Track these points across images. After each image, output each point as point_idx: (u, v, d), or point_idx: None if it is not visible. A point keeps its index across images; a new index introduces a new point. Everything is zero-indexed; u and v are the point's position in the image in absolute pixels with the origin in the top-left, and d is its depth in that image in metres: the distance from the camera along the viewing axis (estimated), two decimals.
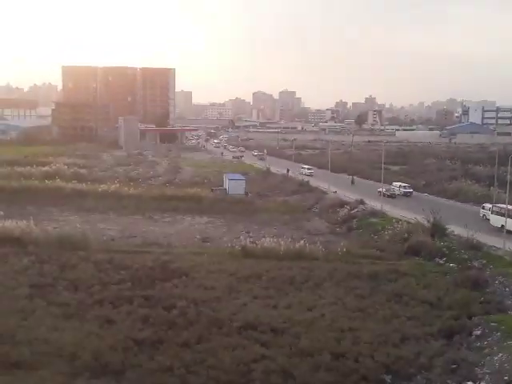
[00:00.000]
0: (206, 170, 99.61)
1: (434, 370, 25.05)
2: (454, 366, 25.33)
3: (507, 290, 35.95)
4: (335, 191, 75.28)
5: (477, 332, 29.04)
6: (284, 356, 25.47)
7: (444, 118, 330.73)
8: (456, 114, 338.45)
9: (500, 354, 25.47)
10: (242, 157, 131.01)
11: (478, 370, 24.89)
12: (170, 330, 27.95)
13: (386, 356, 25.85)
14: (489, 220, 53.79)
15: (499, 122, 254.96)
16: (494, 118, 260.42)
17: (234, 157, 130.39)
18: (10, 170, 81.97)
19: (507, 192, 49.76)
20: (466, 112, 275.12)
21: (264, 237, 47.45)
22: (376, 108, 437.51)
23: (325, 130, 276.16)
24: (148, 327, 28.16)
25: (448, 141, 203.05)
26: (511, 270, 38.69)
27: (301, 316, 30.45)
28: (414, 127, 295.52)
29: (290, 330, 28.57)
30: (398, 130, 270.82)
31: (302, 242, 44.31)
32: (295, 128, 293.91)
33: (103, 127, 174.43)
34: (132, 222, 57.39)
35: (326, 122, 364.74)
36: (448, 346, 27.62)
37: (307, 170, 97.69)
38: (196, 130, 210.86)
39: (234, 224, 57.98)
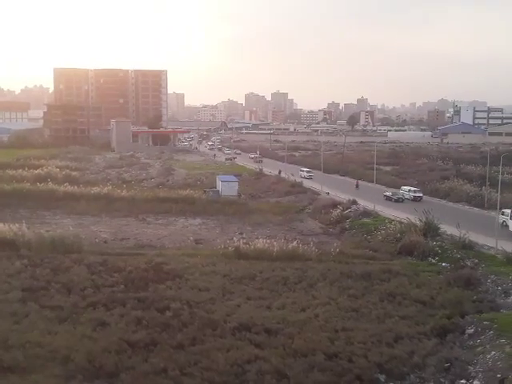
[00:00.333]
0: (199, 171, 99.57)
1: (428, 369, 25.08)
2: (447, 365, 25.37)
3: (499, 288, 36.18)
4: (328, 192, 75.25)
5: (470, 331, 29.14)
6: (278, 356, 25.41)
7: (436, 119, 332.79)
8: (447, 115, 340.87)
9: (493, 353, 25.57)
10: (234, 158, 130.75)
11: (471, 368, 24.97)
12: (164, 331, 27.80)
13: (380, 355, 25.86)
14: (508, 226, 50.89)
15: (490, 122, 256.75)
16: (485, 118, 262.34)
17: (227, 159, 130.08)
18: (1, 173, 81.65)
19: (499, 192, 50.10)
20: (457, 112, 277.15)
21: (257, 238, 47.37)
22: (368, 109, 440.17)
23: (317, 131, 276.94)
24: (142, 329, 28.00)
25: (440, 141, 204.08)
26: (503, 269, 38.97)
27: (294, 316, 30.41)
28: (406, 128, 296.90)
29: (283, 330, 28.50)
30: (390, 130, 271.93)
31: (295, 243, 44.29)
32: (287, 129, 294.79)
33: (95, 129, 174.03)
34: (125, 224, 57.27)
35: (318, 123, 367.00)
36: (441, 345, 27.64)
37: (306, 172, 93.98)
38: (188, 132, 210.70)
39: (227, 225, 57.97)
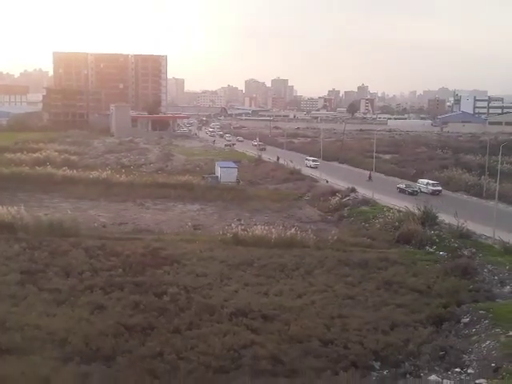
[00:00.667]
0: (198, 157, 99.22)
1: (423, 357, 25.21)
2: (442, 353, 25.50)
3: (496, 278, 36.34)
4: (327, 180, 75.12)
5: (465, 320, 29.26)
6: (274, 342, 25.57)
7: (436, 107, 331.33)
8: (448, 103, 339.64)
9: (487, 342, 25.71)
10: (234, 145, 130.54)
11: (465, 357, 25.10)
12: (161, 316, 27.97)
13: (375, 343, 26.02)
14: None
15: (491, 111, 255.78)
16: (485, 107, 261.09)
17: (226, 145, 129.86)
18: (0, 157, 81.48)
19: (497, 181, 50.12)
20: (457, 101, 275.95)
21: (255, 224, 47.39)
22: (368, 97, 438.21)
23: (317, 118, 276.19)
24: (139, 313, 28.15)
25: (440, 130, 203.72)
26: (500, 259, 39.12)
27: (291, 303, 30.58)
28: (406, 116, 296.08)
29: (280, 316, 28.67)
30: (389, 118, 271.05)
31: (293, 230, 44.33)
32: (287, 116, 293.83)
33: (94, 114, 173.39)
34: (123, 208, 57.32)
35: (318, 110, 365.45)
36: (436, 334, 27.80)
37: (312, 161, 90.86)
38: (188, 118, 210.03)
39: (226, 211, 58.00)
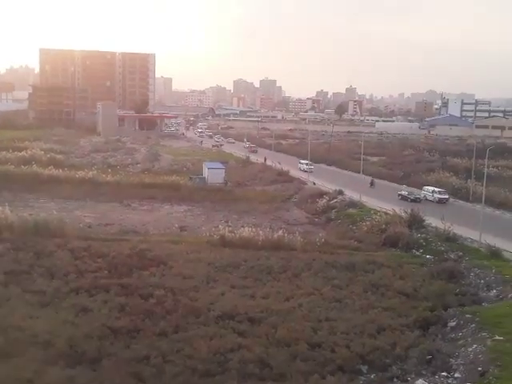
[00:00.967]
0: (186, 158, 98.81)
1: (410, 361, 25.23)
2: (429, 357, 25.54)
3: (482, 281, 36.43)
4: (314, 183, 74.97)
5: (452, 323, 29.32)
6: (261, 346, 25.43)
7: (423, 110, 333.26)
8: (435, 106, 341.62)
9: (474, 346, 25.73)
10: (221, 145, 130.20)
11: (452, 361, 25.12)
12: (147, 318, 27.71)
13: (362, 346, 25.97)
14: None
15: (478, 114, 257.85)
16: (472, 110, 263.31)
17: (214, 145, 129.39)
18: None
19: (484, 185, 50.35)
20: (445, 104, 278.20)
21: (243, 226, 47.29)
22: (356, 98, 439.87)
23: (305, 119, 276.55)
24: (124, 316, 27.87)
25: (427, 132, 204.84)
26: (487, 262, 39.21)
27: (278, 306, 30.43)
28: (394, 118, 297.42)
29: (267, 319, 28.54)
30: (377, 121, 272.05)
31: (280, 232, 44.22)
32: (275, 117, 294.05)
33: (81, 112, 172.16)
34: (109, 209, 56.88)
35: (306, 111, 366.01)
36: (423, 337, 27.83)
37: (306, 165, 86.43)
38: (176, 117, 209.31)
39: (213, 213, 57.80)
